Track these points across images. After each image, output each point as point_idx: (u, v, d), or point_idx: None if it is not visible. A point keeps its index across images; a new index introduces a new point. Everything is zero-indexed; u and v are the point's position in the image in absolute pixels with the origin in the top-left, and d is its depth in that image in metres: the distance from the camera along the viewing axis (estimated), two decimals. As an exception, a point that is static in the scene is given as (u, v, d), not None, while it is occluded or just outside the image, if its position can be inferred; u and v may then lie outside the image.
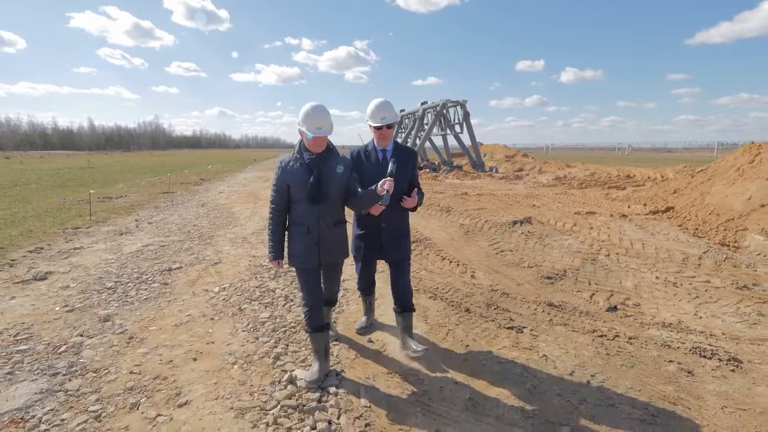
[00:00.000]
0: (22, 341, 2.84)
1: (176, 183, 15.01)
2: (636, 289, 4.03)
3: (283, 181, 2.33)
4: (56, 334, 2.95)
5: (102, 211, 8.61)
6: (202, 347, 2.81)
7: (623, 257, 5.08)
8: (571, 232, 6.35)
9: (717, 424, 2.11)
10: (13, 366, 2.52)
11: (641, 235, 6.13)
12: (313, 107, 2.27)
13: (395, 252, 2.71)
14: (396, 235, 2.69)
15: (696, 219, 6.93)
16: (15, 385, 2.32)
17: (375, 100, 2.59)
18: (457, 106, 19.48)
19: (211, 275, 4.34)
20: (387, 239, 2.66)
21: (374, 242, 2.68)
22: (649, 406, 2.24)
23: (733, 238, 5.96)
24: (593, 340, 3.00)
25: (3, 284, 4.02)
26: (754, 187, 6.69)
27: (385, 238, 2.66)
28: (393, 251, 2.70)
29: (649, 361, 2.71)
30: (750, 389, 2.41)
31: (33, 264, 4.72)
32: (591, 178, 15.56)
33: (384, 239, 2.65)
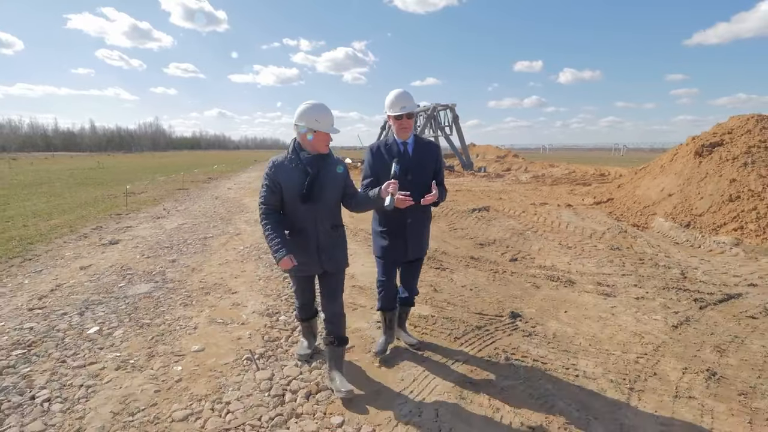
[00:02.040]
0: (128, 269, 4.65)
1: (187, 181, 16.85)
2: (538, 250, 5.78)
3: (275, 180, 2.20)
4: (145, 268, 4.75)
5: (132, 203, 10.42)
6: (239, 273, 4.61)
7: (545, 232, 6.83)
8: (516, 217, 8.11)
9: (540, 306, 3.86)
10: (130, 279, 4.33)
11: (572, 219, 7.88)
12: (322, 105, 2.22)
13: (419, 250, 2.69)
14: (419, 233, 2.65)
15: (623, 207, 8.69)
16: (136, 285, 4.12)
17: (394, 91, 2.53)
18: (447, 109, 21.29)
19: (235, 241, 6.15)
20: (412, 236, 2.61)
21: (399, 240, 2.60)
22: (505, 300, 3.98)
23: (644, 221, 7.71)
24: (489, 274, 4.75)
25: (90, 246, 5.83)
26: (667, 180, 8.44)
27: (410, 235, 2.60)
28: (417, 249, 2.67)
29: (516, 283, 4.46)
30: (569, 294, 4.16)
31: (101, 236, 6.51)
32: (567, 176, 17.30)
33: (409, 236, 2.59)
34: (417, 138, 2.65)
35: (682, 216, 7.34)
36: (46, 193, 13.08)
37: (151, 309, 3.56)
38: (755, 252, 5.66)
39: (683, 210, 7.48)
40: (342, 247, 2.42)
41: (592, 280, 4.55)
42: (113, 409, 2.20)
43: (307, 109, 2.20)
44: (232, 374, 2.56)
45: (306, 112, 2.19)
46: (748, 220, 6.69)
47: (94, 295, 3.86)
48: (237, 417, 2.15)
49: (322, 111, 2.20)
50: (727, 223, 6.82)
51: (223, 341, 3.00)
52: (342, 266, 2.43)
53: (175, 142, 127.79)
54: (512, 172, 21.43)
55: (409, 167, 2.50)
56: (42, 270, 4.72)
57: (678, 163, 8.65)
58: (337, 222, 2.39)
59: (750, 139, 8.01)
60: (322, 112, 2.20)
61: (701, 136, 8.88)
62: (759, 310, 3.73)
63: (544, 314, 3.64)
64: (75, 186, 15.49)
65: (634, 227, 7.41)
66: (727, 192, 7.24)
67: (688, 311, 3.71)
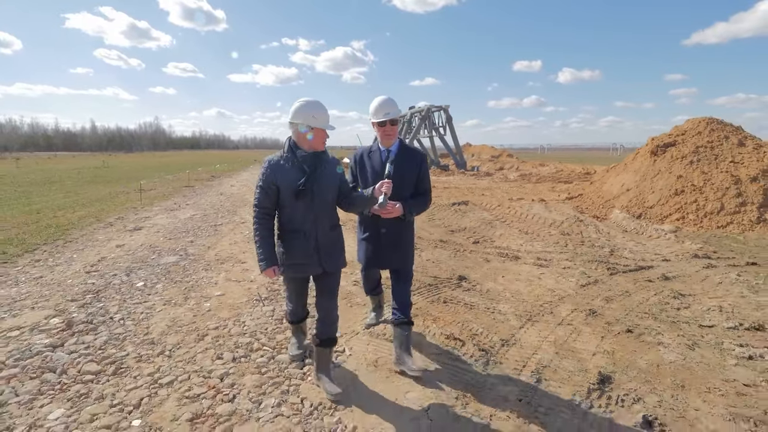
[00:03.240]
0: (155, 247, 5.77)
1: (192, 179, 17.99)
2: (500, 236, 6.87)
3: (272, 181, 2.20)
4: (169, 246, 5.86)
5: (144, 198, 11.54)
6: (246, 250, 5.71)
7: (511, 222, 7.92)
8: (490, 210, 9.20)
9: (484, 273, 4.94)
10: (159, 253, 5.44)
11: (540, 211, 8.95)
12: (317, 102, 2.22)
13: (401, 261, 2.67)
14: (395, 243, 2.62)
15: (589, 201, 9.77)
16: (165, 257, 5.24)
17: (378, 98, 2.55)
18: (441, 110, 22.39)
19: (241, 227, 7.26)
20: (386, 246, 2.62)
21: (375, 248, 2.64)
22: (457, 269, 5.05)
23: (604, 213, 8.79)
24: (451, 252, 5.84)
25: (117, 231, 6.94)
26: (627, 177, 9.52)
27: (384, 245, 2.61)
28: (397, 259, 2.66)
29: (472, 258, 5.55)
30: (511, 266, 5.24)
31: (125, 224, 7.62)
32: (554, 175, 18.36)
33: (383, 245, 2.62)
34: (402, 145, 2.65)
35: (636, 208, 8.42)
36: (60, 190, 14.22)
37: (180, 272, 4.67)
38: (686, 237, 6.74)
39: (637, 203, 8.56)
40: (340, 246, 2.42)
41: (534, 256, 5.63)
42: (167, 324, 3.30)
43: (303, 106, 2.20)
44: (246, 307, 3.67)
45: (302, 109, 2.20)
46: (689, 211, 7.78)
47: (133, 264, 4.98)
48: (250, 327, 3.26)
49: (318, 107, 2.21)
50: (672, 213, 7.90)
51: (238, 291, 4.11)
52: (340, 266, 2.43)
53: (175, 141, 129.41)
54: (504, 170, 22.52)
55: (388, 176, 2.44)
56: (84, 248, 5.83)
57: (637, 161, 9.72)
58: (335, 221, 2.40)
59: (699, 140, 9.08)
60: (318, 109, 2.21)
61: (659, 137, 9.95)
62: (657, 276, 4.81)
63: (485, 278, 4.73)
64: (86, 184, 16.63)
65: (594, 218, 8.48)
66: (674, 187, 8.32)
67: (600, 276, 4.80)
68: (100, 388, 2.43)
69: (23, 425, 2.10)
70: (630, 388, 2.62)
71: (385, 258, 2.70)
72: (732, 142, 8.87)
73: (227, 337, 3.09)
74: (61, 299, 3.83)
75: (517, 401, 2.48)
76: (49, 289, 4.12)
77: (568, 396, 2.52)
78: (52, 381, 2.48)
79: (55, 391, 2.39)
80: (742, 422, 2.33)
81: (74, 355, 2.79)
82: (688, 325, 3.53)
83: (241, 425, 2.14)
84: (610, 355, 3.04)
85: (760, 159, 8.30)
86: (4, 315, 3.46)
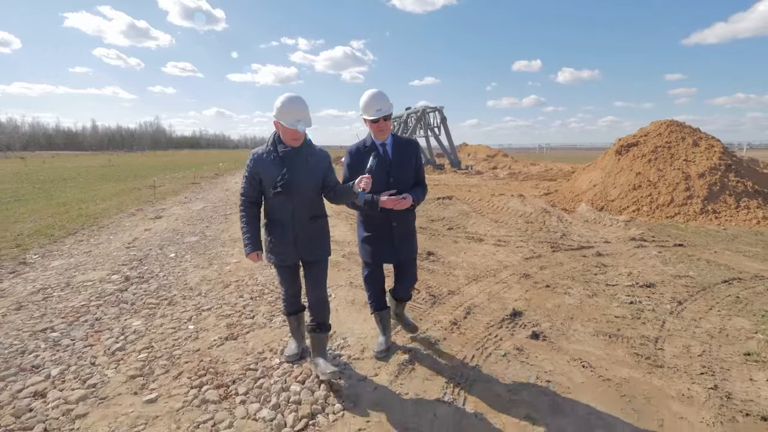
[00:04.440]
0: (177, 231, 6.93)
1: (198, 177, 19.17)
2: (472, 224, 8.01)
3: (255, 173, 2.33)
4: (188, 230, 7.02)
5: (157, 193, 12.71)
6: (254, 233, 6.88)
7: (486, 213, 9.06)
8: (471, 203, 10.34)
9: (450, 251, 6.08)
10: (181, 234, 6.61)
11: (515, 205, 10.09)
12: (291, 99, 2.26)
13: (406, 252, 2.77)
14: (406, 234, 2.73)
15: (560, 196, 10.90)
16: (187, 237, 6.42)
17: (368, 92, 2.53)
18: (435, 111, 23.56)
19: (248, 217, 8.44)
20: (396, 239, 2.68)
21: (386, 245, 2.69)
22: (428, 247, 6.19)
23: (573, 206, 9.91)
24: (427, 236, 6.98)
25: (141, 219, 8.12)
26: (595, 174, 10.65)
27: (396, 238, 2.67)
28: (406, 251, 2.76)
29: (443, 240, 6.68)
30: (474, 246, 6.38)
31: (146, 214, 8.79)
32: (542, 173, 19.49)
33: (396, 239, 2.68)
34: (395, 137, 2.69)
35: (599, 201, 9.55)
36: (75, 186, 15.41)
37: (202, 248, 5.84)
38: (635, 225, 7.86)
39: (601, 197, 9.69)
40: (321, 237, 2.51)
41: (496, 239, 6.78)
42: (199, 279, 4.47)
43: (277, 103, 2.28)
44: (259, 269, 4.83)
45: (276, 105, 2.27)
46: (644, 204, 8.91)
47: (162, 242, 6.14)
48: (261, 281, 4.43)
49: (288, 104, 2.25)
50: (629, 206, 9.04)
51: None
52: (321, 256, 2.53)
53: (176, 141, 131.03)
54: (497, 169, 23.65)
55: (390, 168, 2.53)
56: (116, 232, 6.99)
57: (605, 160, 10.86)
58: (318, 213, 2.48)
59: (659, 141, 10.21)
60: (289, 106, 2.25)
61: (625, 137, 11.08)
62: (592, 253, 5.94)
63: (449, 254, 5.87)
64: (97, 181, 17.83)
65: (563, 210, 9.61)
66: (633, 182, 9.45)
67: (543, 252, 5.94)
68: (161, 311, 3.60)
69: (118, 328, 3.26)
70: (533, 319, 3.75)
71: (395, 251, 2.74)
72: (687, 143, 9.99)
73: (245, 286, 4.25)
74: (114, 264, 5.01)
75: (449, 323, 3.62)
76: (101, 258, 5.30)
77: (485, 322, 3.66)
78: (127, 307, 3.65)
79: (131, 313, 3.56)
80: (601, 336, 3.46)
81: (137, 295, 3.96)
82: (596, 284, 4.67)
83: (260, 329, 3.29)
84: (527, 301, 4.18)
85: (710, 158, 9.42)
86: (75, 273, 4.63)
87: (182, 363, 2.75)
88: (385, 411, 2.38)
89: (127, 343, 3.01)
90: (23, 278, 4.54)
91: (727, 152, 9.75)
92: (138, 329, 3.23)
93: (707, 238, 6.89)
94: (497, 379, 2.74)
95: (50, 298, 3.91)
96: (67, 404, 2.31)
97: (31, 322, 3.37)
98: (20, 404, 2.29)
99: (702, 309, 3.99)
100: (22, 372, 2.62)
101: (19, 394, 2.40)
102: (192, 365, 2.72)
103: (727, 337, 3.42)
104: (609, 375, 2.83)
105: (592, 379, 2.78)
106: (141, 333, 3.19)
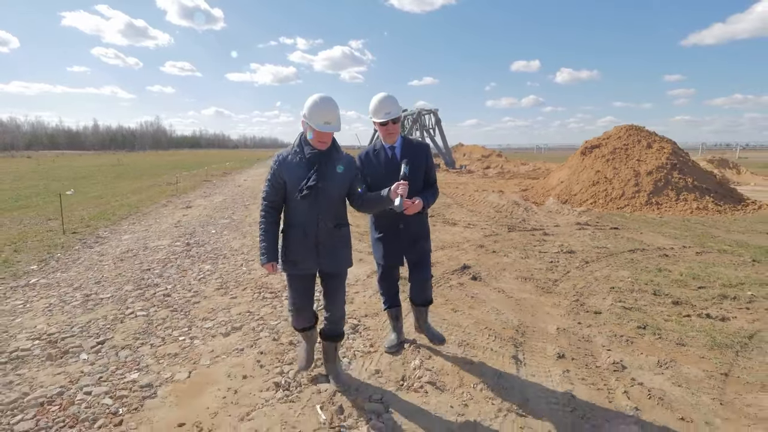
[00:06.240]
0: (209, 216, 8.70)
1: (208, 175, 20.94)
2: (451, 213, 9.75)
3: (279, 176, 2.31)
4: (218, 215, 8.79)
5: (177, 189, 14.46)
6: (271, 218, 8.66)
7: (465, 204, 10.79)
8: (454, 197, 12.08)
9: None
10: (214, 219, 8.38)
11: (492, 198, 11.83)
12: (322, 99, 2.26)
13: (416, 253, 2.84)
14: (414, 238, 2.78)
15: (534, 191, 12.65)
16: (219, 220, 8.19)
17: (377, 95, 2.61)
18: (430, 113, 25.34)
19: (264, 207, 10.23)
20: (405, 240, 2.75)
21: (395, 245, 2.76)
22: (411, 228, 7.94)
23: (542, 200, 11.66)
24: (413, 220, 8.71)
25: (174, 209, 9.88)
26: (564, 172, 12.40)
27: (404, 239, 2.75)
28: (416, 252, 2.83)
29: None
30: (448, 228, 8.11)
31: (176, 205, 10.54)
32: (529, 172, 21.25)
33: (402, 240, 2.75)
34: (405, 140, 2.75)
35: (564, 196, 11.29)
36: (97, 183, 17.16)
37: (234, 227, 7.59)
38: (587, 214, 9.59)
39: (565, 192, 11.43)
40: (344, 247, 2.46)
41: (467, 222, 8.51)
42: (239, 245, 6.23)
43: (308, 103, 2.27)
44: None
45: (306, 105, 2.26)
46: (600, 197, 10.65)
47: (201, 223, 7.90)
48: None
49: (318, 105, 2.24)
50: (588, 199, 10.78)
51: (272, 235, 7.05)
52: (342, 267, 2.48)
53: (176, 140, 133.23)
54: (490, 168, 25.41)
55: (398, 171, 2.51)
56: (159, 217, 8.74)
57: (573, 160, 12.61)
58: (342, 221, 2.44)
59: (618, 143, 11.95)
60: (318, 107, 2.24)
61: (590, 140, 12.82)
62: (540, 233, 7.67)
63: (427, 232, 7.61)
64: (115, 178, 19.59)
65: (533, 203, 11.35)
66: (592, 179, 11.19)
67: (501, 232, 7.67)
68: (220, 262, 5.35)
69: (195, 269, 5.00)
70: (476, 270, 5.47)
71: (404, 252, 2.82)
72: (642, 145, 11.73)
73: (274, 249, 6.02)
74: (172, 236, 6.78)
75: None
76: (160, 233, 7.06)
77: (442, 271, 5.38)
78: (196, 259, 5.41)
79: (200, 262, 5.32)
80: (519, 279, 5.19)
81: (199, 253, 5.73)
82: (531, 251, 6.40)
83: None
84: (476, 259, 5.91)
85: (659, 158, 11.16)
86: (146, 242, 6.39)
87: (245, 283, 4.51)
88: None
89: (205, 276, 4.76)
90: (108, 245, 6.29)
91: (676, 153, 11.49)
92: (210, 269, 4.99)
93: (642, 224, 8.62)
94: (446, 298, 4.46)
95: (138, 255, 5.67)
96: (184, 299, 4.05)
97: (136, 266, 5.13)
98: (156, 299, 4.04)
99: (602, 266, 5.72)
100: (148, 287, 4.37)
101: (153, 297, 4.14)
102: (252, 284, 4.48)
103: (607, 280, 5.14)
104: (514, 296, 4.56)
105: (501, 296, 4.52)
106: (212, 271, 4.94)
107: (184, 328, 3.45)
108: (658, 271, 5.42)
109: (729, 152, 43.80)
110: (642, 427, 2.38)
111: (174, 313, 3.75)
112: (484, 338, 3.42)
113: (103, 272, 4.92)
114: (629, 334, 3.57)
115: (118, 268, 5.10)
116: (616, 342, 3.43)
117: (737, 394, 2.72)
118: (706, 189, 10.47)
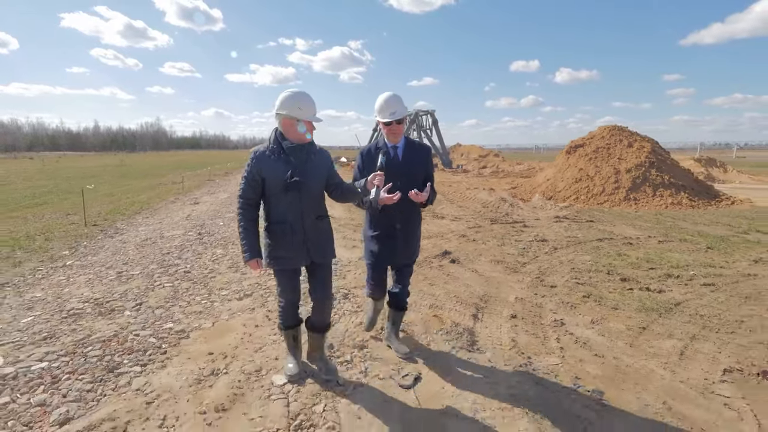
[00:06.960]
0: (216, 210, 9.48)
1: (211, 175, 21.72)
2: (441, 208, 10.50)
3: (257, 173, 2.32)
4: (225, 210, 9.56)
5: (183, 188, 15.22)
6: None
7: (455, 200, 11.54)
8: (446, 194, 12.82)
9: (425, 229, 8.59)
10: (221, 213, 9.15)
11: (482, 195, 12.58)
12: (303, 93, 2.31)
13: (408, 256, 2.89)
14: (410, 238, 2.84)
15: (522, 189, 13.40)
16: (226, 214, 8.96)
17: (383, 95, 2.64)
18: (428, 114, 26.13)
19: (266, 203, 11.01)
20: (400, 241, 2.79)
21: (389, 245, 2.78)
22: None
23: (529, 197, 12.40)
24: (404, 215, 9.47)
25: (183, 204, 10.65)
26: (550, 171, 13.16)
27: (401, 239, 2.78)
28: (406, 255, 2.87)
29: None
30: (436, 221, 8.87)
31: (184, 201, 11.30)
32: (522, 171, 22.00)
33: (399, 240, 2.78)
34: (408, 141, 2.80)
35: (549, 192, 12.05)
36: (105, 183, 17.92)
37: (239, 220, 8.36)
38: (568, 209, 10.34)
39: (551, 189, 12.19)
40: (328, 237, 2.54)
41: (454, 216, 9.26)
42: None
43: (289, 97, 2.28)
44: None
45: (287, 100, 2.28)
46: (582, 194, 11.41)
47: (210, 217, 8.66)
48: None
49: (304, 98, 2.28)
50: (571, 196, 11.53)
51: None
52: (329, 256, 2.55)
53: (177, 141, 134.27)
54: (486, 168, 26.16)
55: (399, 171, 2.60)
56: (170, 212, 9.50)
57: (559, 159, 13.36)
58: (323, 212, 2.50)
59: (601, 143, 12.70)
60: (304, 100, 2.28)
61: (575, 140, 13.57)
62: (520, 226, 8.42)
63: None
64: (121, 178, 20.36)
65: (520, 200, 12.10)
66: (576, 176, 11.95)
67: (484, 224, 8.42)
68: (230, 247, 6.10)
69: (209, 253, 5.76)
70: (456, 255, 6.21)
71: (397, 254, 2.83)
72: (624, 144, 12.49)
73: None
74: (185, 227, 7.54)
75: (403, 256, 6.11)
76: (173, 225, 7.82)
77: (425, 256, 6.13)
78: (209, 245, 6.16)
79: (213, 247, 6.07)
80: (493, 262, 5.93)
81: (210, 241, 6.48)
82: (508, 240, 7.15)
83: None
84: (458, 246, 6.66)
85: (639, 156, 11.91)
86: (162, 232, 7.15)
87: (252, 264, 5.26)
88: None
89: (218, 258, 5.52)
90: (127, 235, 7.05)
91: (655, 152, 12.23)
92: (221, 253, 5.75)
93: (617, 218, 9.37)
94: (425, 276, 5.21)
95: (156, 242, 6.43)
96: (202, 274, 4.82)
97: (157, 251, 5.90)
98: (179, 274, 4.80)
99: (569, 252, 6.47)
100: (170, 266, 5.13)
101: (176, 273, 4.90)
102: (258, 264, 5.23)
103: (570, 262, 5.89)
104: (485, 275, 5.30)
105: (474, 275, 5.26)
106: (224, 254, 5.71)
107: (205, 294, 4.20)
108: (617, 255, 6.16)
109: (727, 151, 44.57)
110: (563, 358, 3.13)
111: (195, 284, 4.50)
112: (451, 303, 4.18)
113: (128, 255, 5.68)
114: (575, 302, 4.31)
115: (140, 252, 5.85)
116: (562, 307, 4.18)
117: (646, 340, 3.47)
118: (681, 185, 11.21)
